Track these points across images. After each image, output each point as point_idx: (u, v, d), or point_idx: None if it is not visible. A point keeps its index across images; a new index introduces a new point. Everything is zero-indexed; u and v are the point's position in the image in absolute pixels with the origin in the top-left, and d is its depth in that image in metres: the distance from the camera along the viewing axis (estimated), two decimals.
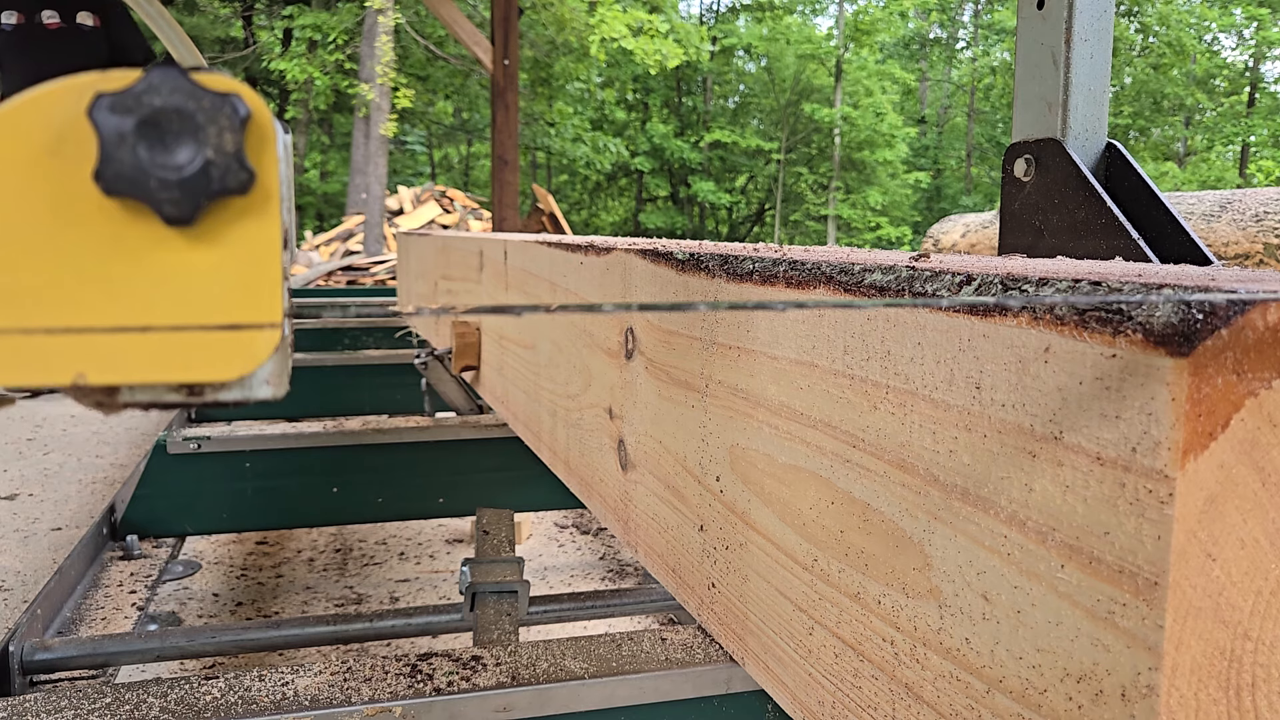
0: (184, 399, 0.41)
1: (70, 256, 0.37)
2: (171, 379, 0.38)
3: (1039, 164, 1.34)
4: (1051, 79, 1.35)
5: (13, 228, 0.36)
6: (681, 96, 25.08)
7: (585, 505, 1.19)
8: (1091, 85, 1.34)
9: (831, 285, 0.60)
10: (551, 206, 7.88)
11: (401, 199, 13.12)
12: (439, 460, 2.07)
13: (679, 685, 0.91)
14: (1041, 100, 1.38)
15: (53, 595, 1.44)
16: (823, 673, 0.62)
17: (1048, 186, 1.32)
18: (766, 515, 0.69)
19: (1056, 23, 1.34)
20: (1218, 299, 0.36)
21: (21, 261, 0.36)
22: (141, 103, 0.36)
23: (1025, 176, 1.36)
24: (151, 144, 0.36)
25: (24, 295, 0.36)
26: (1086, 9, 1.32)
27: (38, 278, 0.36)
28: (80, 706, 0.82)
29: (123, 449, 3.61)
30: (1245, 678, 0.38)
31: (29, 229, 0.36)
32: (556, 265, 1.26)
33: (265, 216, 0.38)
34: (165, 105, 0.36)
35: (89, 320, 0.37)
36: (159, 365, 0.38)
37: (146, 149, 0.36)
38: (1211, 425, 0.36)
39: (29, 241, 0.36)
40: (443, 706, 0.85)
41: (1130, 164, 1.26)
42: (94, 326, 0.37)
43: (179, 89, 0.36)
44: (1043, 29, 1.38)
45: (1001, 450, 0.45)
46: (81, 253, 0.37)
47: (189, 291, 0.38)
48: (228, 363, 0.38)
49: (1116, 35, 27.60)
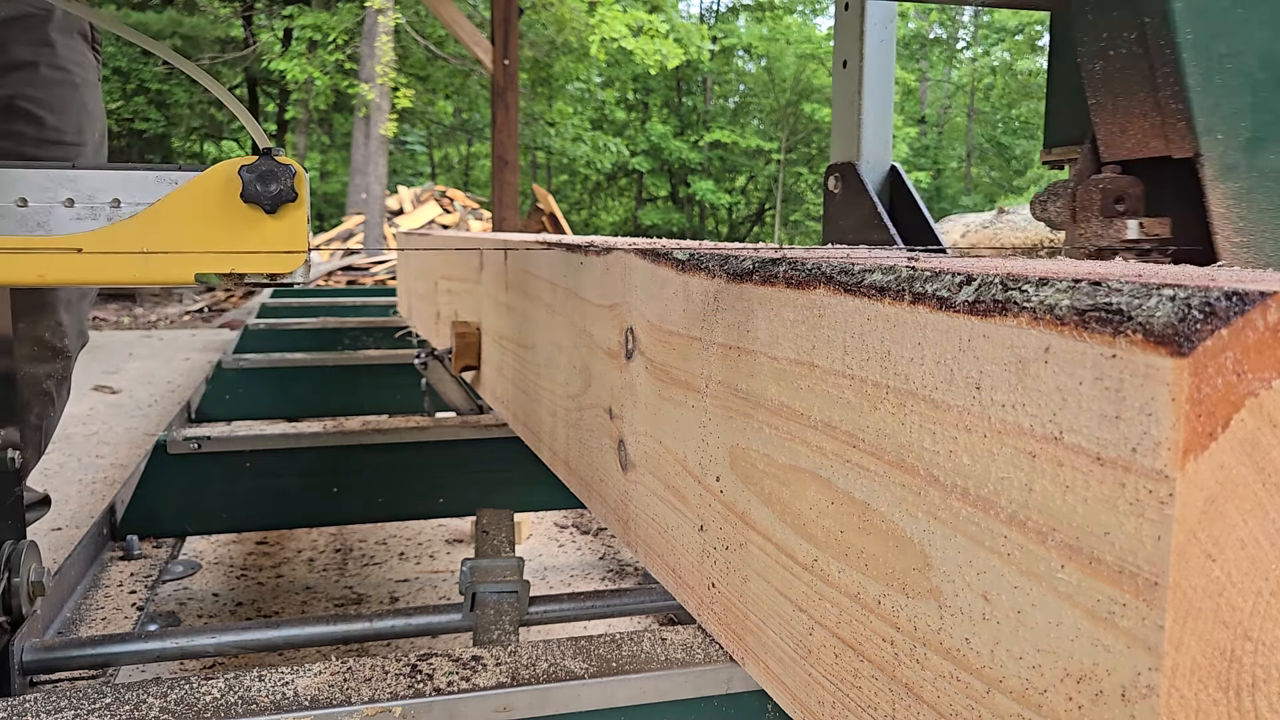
0: (268, 283, 0.92)
1: (232, 226, 0.90)
2: (265, 272, 0.91)
3: (843, 180, 1.84)
4: (851, 119, 1.85)
5: (212, 215, 0.90)
6: (681, 96, 25.08)
7: (585, 505, 1.19)
8: (878, 124, 1.84)
9: (832, 285, 0.60)
10: (551, 206, 7.88)
11: (401, 199, 13.12)
12: (439, 460, 2.07)
13: (679, 685, 0.91)
14: (845, 134, 1.87)
15: (53, 595, 1.44)
16: (823, 673, 0.62)
17: (848, 196, 1.82)
18: (766, 515, 0.69)
19: (854, 78, 1.85)
20: (1218, 299, 0.36)
21: (216, 228, 0.90)
22: (258, 168, 0.89)
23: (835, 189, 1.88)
24: (262, 183, 0.89)
25: (217, 240, 0.90)
26: (873, 69, 1.82)
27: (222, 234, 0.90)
28: (80, 706, 0.82)
29: (123, 449, 3.61)
30: (1245, 678, 0.38)
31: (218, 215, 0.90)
32: (556, 265, 1.26)
33: (300, 211, 0.91)
34: (266, 170, 0.89)
35: (239, 248, 0.90)
36: (262, 267, 0.91)
37: (259, 184, 0.89)
38: (1211, 425, 0.36)
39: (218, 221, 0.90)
40: (443, 706, 0.85)
41: (904, 181, 1.79)
42: (240, 250, 0.90)
43: (271, 164, 0.89)
44: (846, 82, 1.88)
45: (1001, 450, 0.45)
46: (236, 224, 0.90)
47: (273, 239, 0.91)
48: (286, 267, 0.92)
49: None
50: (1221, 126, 0.93)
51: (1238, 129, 0.94)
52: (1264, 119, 0.93)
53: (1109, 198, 1.07)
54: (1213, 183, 0.96)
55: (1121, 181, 1.07)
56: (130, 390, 4.86)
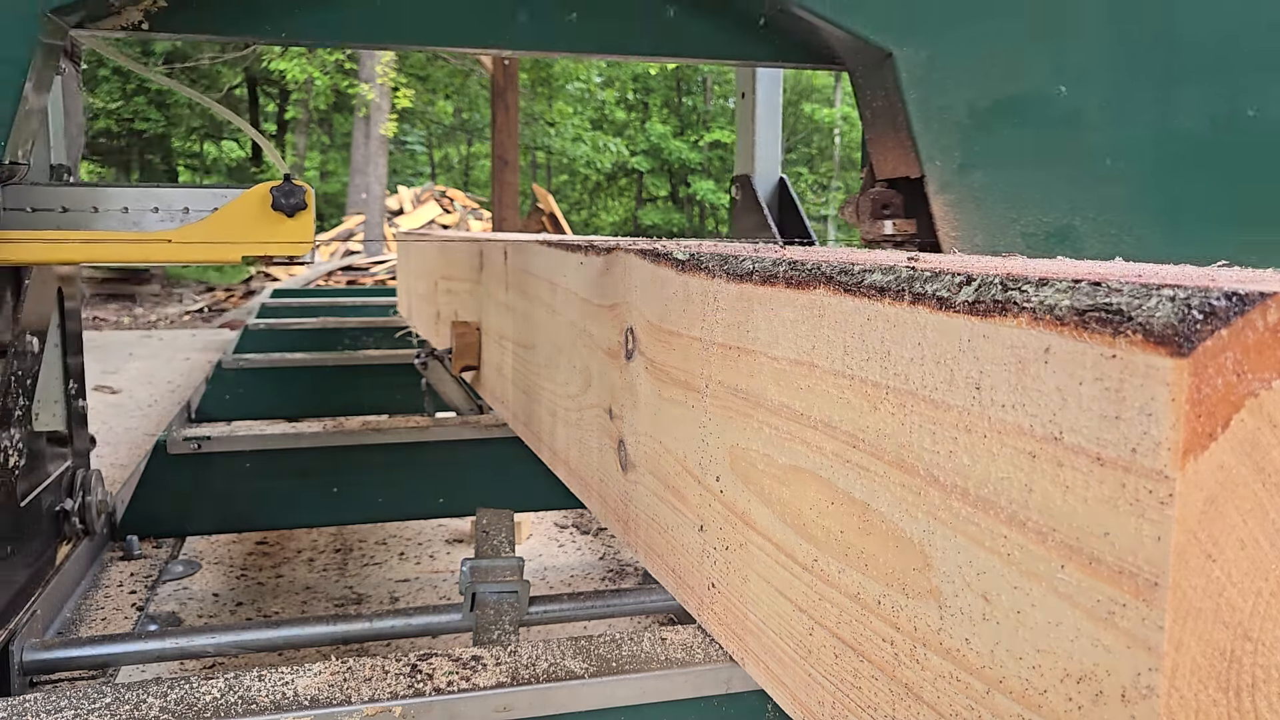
0: (289, 262, 1.47)
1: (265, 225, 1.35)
2: (286, 255, 1.37)
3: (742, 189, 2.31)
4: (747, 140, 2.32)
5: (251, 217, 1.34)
6: (681, 96, 25.07)
7: (585, 505, 1.19)
8: (768, 144, 2.30)
9: (831, 285, 0.60)
10: (551, 206, 7.88)
11: (401, 199, 13.12)
12: (439, 460, 2.07)
13: (679, 685, 0.91)
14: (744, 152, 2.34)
15: (53, 595, 1.44)
16: (823, 673, 0.62)
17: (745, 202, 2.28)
18: (766, 515, 0.69)
19: (750, 106, 2.33)
20: (1218, 299, 0.36)
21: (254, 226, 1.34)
22: (282, 189, 1.34)
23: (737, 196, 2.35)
24: (285, 197, 1.34)
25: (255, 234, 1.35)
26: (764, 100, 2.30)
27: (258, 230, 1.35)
28: (80, 706, 0.82)
29: (122, 449, 3.61)
30: (1245, 678, 0.38)
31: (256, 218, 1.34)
32: (556, 265, 1.26)
33: (309, 215, 1.36)
34: (287, 189, 1.34)
35: (269, 239, 1.35)
36: (284, 251, 1.36)
37: (283, 199, 1.34)
38: (1211, 426, 0.36)
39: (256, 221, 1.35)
40: (443, 706, 0.85)
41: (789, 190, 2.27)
42: (270, 240, 1.35)
43: (290, 186, 1.35)
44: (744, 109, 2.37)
45: (1001, 450, 0.45)
46: (267, 224, 1.35)
47: (292, 233, 1.36)
48: (300, 251, 1.38)
49: None
50: (938, 156, 1.29)
51: (950, 158, 1.30)
52: (968, 151, 1.30)
53: (878, 205, 1.44)
54: (934, 196, 1.32)
55: (886, 194, 1.44)
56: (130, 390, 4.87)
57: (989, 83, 1.26)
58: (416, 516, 2.14)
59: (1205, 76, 1.23)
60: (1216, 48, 1.23)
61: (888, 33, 1.21)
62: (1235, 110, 1.25)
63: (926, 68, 1.23)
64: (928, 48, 1.22)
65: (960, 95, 1.26)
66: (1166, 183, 1.27)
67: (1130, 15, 1.23)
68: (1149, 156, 1.26)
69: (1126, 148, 1.25)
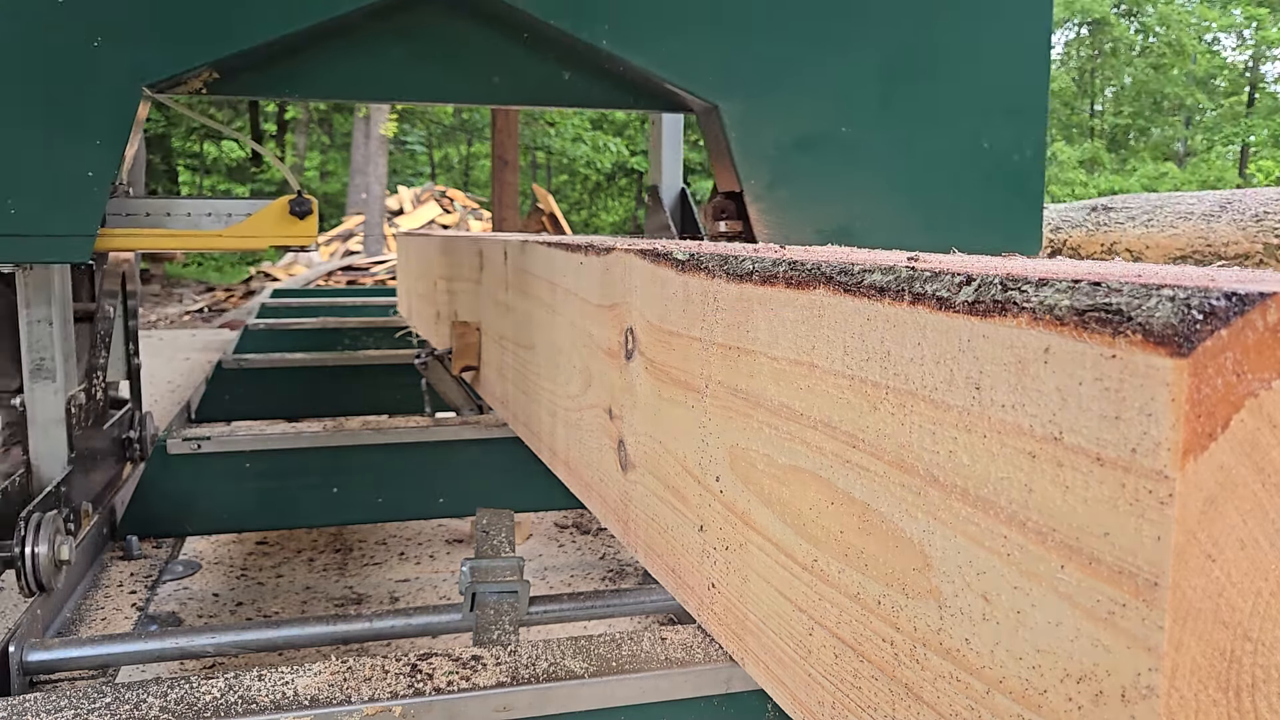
0: (300, 249, 1.90)
1: (283, 224, 1.81)
2: (297, 245, 1.85)
3: (652, 198, 2.66)
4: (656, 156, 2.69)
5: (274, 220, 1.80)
6: None
7: (585, 505, 1.19)
8: (670, 160, 2.66)
9: (831, 285, 0.60)
10: (551, 206, 7.87)
11: (401, 199, 13.12)
12: (439, 460, 2.07)
13: (679, 685, 0.91)
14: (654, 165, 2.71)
15: (53, 595, 1.44)
16: (823, 673, 0.62)
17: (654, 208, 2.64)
18: (766, 515, 0.69)
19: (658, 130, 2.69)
20: (1217, 299, 0.36)
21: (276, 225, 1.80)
22: (296, 200, 1.80)
23: (649, 203, 2.67)
24: (297, 206, 1.79)
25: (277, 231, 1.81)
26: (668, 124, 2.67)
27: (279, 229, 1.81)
28: (80, 706, 0.82)
29: None
30: (1245, 679, 0.38)
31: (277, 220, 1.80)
32: (556, 265, 1.26)
33: (314, 217, 1.81)
34: (300, 200, 1.80)
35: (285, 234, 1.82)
36: (296, 243, 1.83)
37: (296, 207, 1.79)
38: (1211, 426, 0.36)
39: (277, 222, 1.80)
40: (443, 706, 0.85)
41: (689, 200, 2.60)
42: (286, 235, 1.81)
43: (302, 199, 1.80)
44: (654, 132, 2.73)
45: (1001, 450, 0.45)
46: (284, 223, 1.80)
47: (301, 231, 1.82)
48: (307, 243, 1.84)
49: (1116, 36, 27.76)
50: (753, 177, 1.75)
51: (762, 179, 1.76)
52: (774, 174, 1.76)
53: (718, 210, 1.84)
54: (751, 204, 1.77)
55: (723, 202, 1.83)
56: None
57: (789, 125, 1.77)
58: (416, 516, 2.14)
59: (952, 119, 1.81)
60: (963, 98, 1.80)
61: (716, 92, 1.72)
62: (974, 143, 1.82)
63: (744, 115, 1.75)
64: (744, 102, 1.74)
65: (768, 134, 1.76)
66: (921, 195, 1.82)
67: (897, 76, 1.77)
68: (907, 176, 1.82)
69: (891, 170, 1.81)
